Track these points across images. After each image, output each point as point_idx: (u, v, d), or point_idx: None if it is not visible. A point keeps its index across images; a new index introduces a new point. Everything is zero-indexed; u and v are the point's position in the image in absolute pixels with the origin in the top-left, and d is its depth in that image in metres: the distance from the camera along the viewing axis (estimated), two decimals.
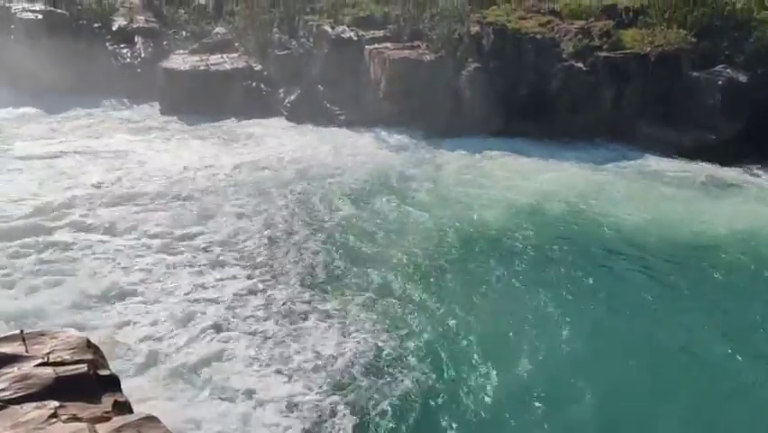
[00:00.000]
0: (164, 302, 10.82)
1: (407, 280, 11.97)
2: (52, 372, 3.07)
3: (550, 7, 22.69)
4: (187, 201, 15.22)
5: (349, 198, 15.92)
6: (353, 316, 10.73)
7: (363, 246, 13.26)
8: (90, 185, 15.90)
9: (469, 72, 21.19)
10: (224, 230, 13.71)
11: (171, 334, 9.91)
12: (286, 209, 15.03)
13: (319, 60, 23.67)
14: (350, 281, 11.91)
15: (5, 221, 13.32)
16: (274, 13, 25.66)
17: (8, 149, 18.68)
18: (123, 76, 24.96)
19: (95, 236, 13.08)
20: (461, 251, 13.31)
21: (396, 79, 21.44)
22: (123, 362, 9.03)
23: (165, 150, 19.42)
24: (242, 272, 12.02)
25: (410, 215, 15.00)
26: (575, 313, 10.95)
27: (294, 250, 13.03)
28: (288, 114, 23.02)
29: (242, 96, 23.25)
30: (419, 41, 22.47)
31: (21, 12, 25.51)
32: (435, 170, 18.27)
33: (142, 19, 27.76)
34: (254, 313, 10.69)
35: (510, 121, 20.48)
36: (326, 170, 17.79)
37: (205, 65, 23.99)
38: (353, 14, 24.03)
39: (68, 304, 10.40)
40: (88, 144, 19.54)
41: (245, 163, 18.14)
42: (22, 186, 15.54)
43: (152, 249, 12.67)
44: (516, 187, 16.83)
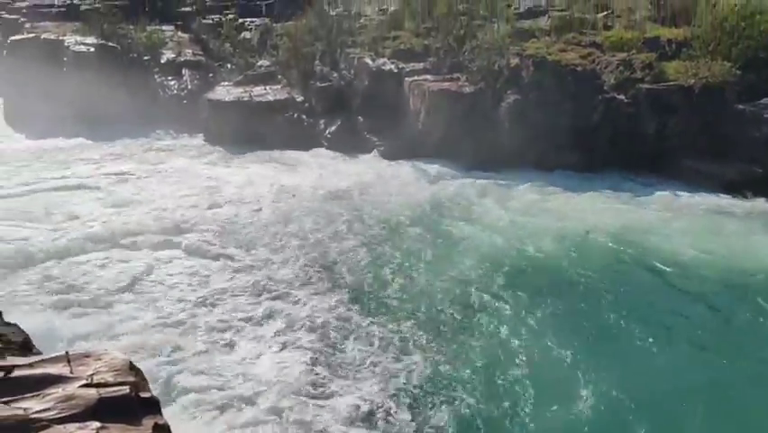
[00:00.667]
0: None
1: (458, 307, 12.07)
2: (96, 393, 3.13)
3: (591, 40, 22.62)
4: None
5: (393, 227, 16.10)
6: (403, 340, 10.83)
7: (412, 273, 13.45)
8: (189, 206, 17.12)
9: (508, 104, 21.20)
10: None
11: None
12: (343, 235, 15.49)
13: (359, 92, 24.01)
14: (401, 306, 12.11)
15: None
16: (316, 46, 26.17)
17: (83, 172, 20.07)
18: (169, 107, 25.72)
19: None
20: (508, 282, 13.20)
21: (435, 111, 21.58)
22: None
23: (231, 173, 20.40)
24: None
25: (455, 245, 15.01)
26: (631, 348, 10.72)
27: (353, 273, 13.44)
28: (329, 144, 23.32)
29: (283, 127, 23.67)
30: (459, 74, 22.60)
31: (74, 45, 26.59)
32: (476, 201, 18.22)
33: (190, 52, 28.66)
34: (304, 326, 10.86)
35: (550, 153, 20.33)
36: (371, 199, 18.01)
37: (248, 96, 24.55)
38: (394, 47, 24.36)
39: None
40: (155, 167, 20.60)
41: (311, 188, 18.86)
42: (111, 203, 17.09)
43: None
44: (559, 219, 16.64)
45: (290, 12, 31.03)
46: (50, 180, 19.11)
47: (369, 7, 32.51)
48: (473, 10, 24.93)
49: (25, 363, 3.29)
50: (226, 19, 33.39)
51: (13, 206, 16.85)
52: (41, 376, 3.19)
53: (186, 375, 9.67)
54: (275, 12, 35.70)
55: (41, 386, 3.13)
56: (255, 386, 9.52)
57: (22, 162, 21.09)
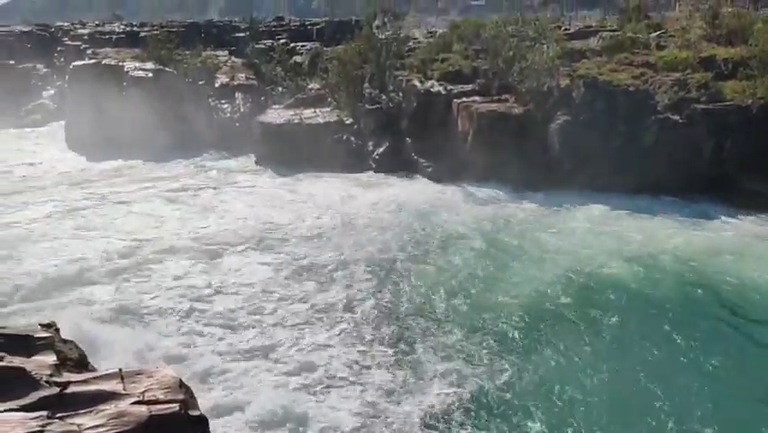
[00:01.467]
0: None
1: (520, 325, 11.97)
2: (147, 410, 3.20)
3: (643, 60, 22.24)
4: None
5: (449, 249, 16.03)
6: (468, 354, 10.87)
7: (468, 292, 13.43)
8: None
9: (558, 125, 20.96)
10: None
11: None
12: (400, 256, 15.65)
13: (407, 114, 24.13)
14: (465, 322, 12.13)
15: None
16: (365, 69, 26.49)
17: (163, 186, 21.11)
18: (222, 129, 26.40)
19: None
20: (567, 304, 12.96)
21: (483, 132, 21.49)
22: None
23: (285, 192, 20.95)
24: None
25: (510, 267, 14.81)
26: (701, 373, 10.35)
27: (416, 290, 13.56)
28: (377, 166, 23.47)
29: (332, 149, 23.95)
30: (507, 95, 22.51)
31: (133, 70, 27.62)
32: (528, 224, 17.93)
33: (243, 76, 29.43)
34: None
35: (602, 175, 19.94)
36: (422, 220, 18.02)
37: (298, 119, 24.97)
38: (442, 69, 24.45)
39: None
40: (213, 188, 21.34)
41: (364, 207, 19.19)
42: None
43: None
44: (614, 242, 16.26)
45: (340, 36, 31.68)
46: (113, 196, 19.97)
47: (417, 30, 32.85)
48: (522, 32, 24.84)
49: (80, 379, 3.39)
50: (278, 44, 34.27)
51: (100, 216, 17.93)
52: (94, 393, 3.27)
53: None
54: (325, 36, 36.51)
55: (94, 402, 3.22)
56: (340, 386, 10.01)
57: (87, 182, 21.91)
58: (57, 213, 18.23)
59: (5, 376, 3.28)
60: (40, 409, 3.13)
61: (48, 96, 35.10)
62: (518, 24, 25.59)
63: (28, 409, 3.13)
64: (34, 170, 23.84)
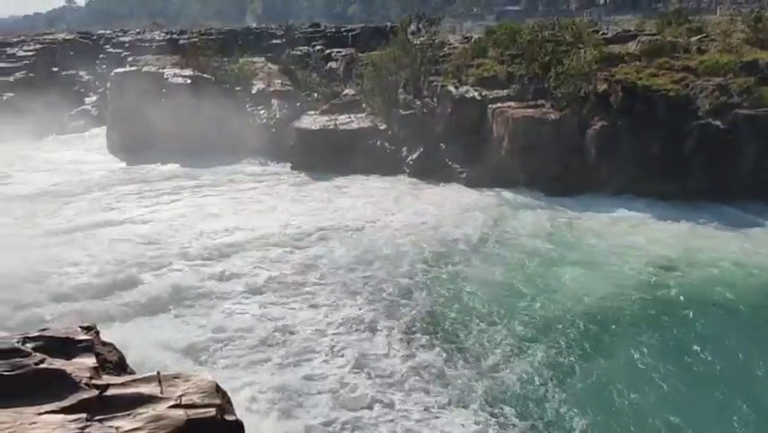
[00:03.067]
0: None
1: (559, 336, 11.80)
2: (184, 414, 3.24)
3: (684, 64, 21.82)
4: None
5: (487, 250, 16.08)
6: (500, 366, 10.85)
7: (505, 300, 13.34)
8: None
9: (595, 130, 20.69)
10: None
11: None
12: (434, 259, 15.77)
13: (442, 119, 24.07)
14: (500, 331, 12.07)
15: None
16: (400, 75, 26.51)
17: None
18: (258, 135, 26.64)
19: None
20: (606, 313, 12.76)
21: (518, 138, 21.32)
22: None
23: (323, 197, 21.21)
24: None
25: (547, 275, 14.66)
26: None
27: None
28: (411, 171, 23.46)
29: (366, 154, 24.01)
30: (543, 100, 22.30)
31: (172, 77, 28.11)
32: (565, 230, 17.75)
33: (279, 82, 29.72)
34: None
35: (639, 180, 19.62)
36: (458, 225, 17.95)
37: (333, 125, 25.11)
38: (477, 75, 24.34)
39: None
40: (251, 191, 21.70)
41: (401, 213, 19.36)
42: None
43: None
44: (654, 249, 15.96)
45: (375, 42, 31.70)
46: (155, 201, 20.46)
47: (452, 36, 32.78)
48: (559, 36, 24.59)
49: (119, 382, 3.44)
50: (314, 50, 34.52)
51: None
52: (133, 396, 3.33)
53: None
54: (361, 42, 36.62)
55: (132, 405, 3.27)
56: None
57: (128, 186, 22.38)
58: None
59: (46, 378, 3.36)
60: (79, 411, 3.19)
61: (90, 103, 35.93)
62: (555, 29, 25.34)
63: (68, 411, 3.20)
64: (83, 175, 24.38)
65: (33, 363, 3.41)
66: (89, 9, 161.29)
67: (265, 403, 9.71)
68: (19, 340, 3.59)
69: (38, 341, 3.62)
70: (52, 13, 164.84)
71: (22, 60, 36.65)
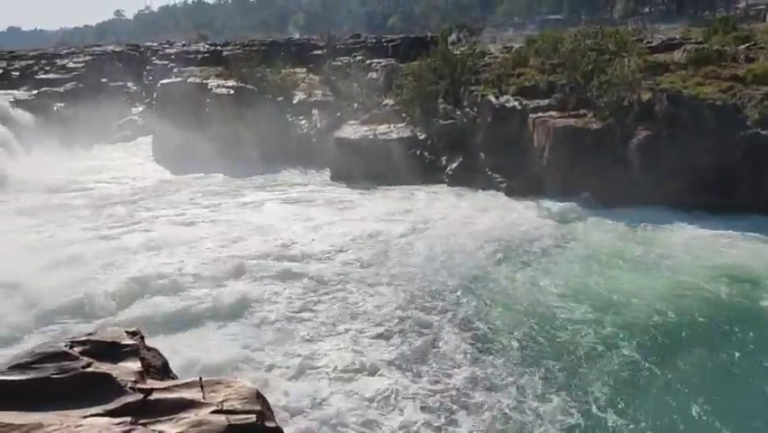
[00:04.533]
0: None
1: (614, 349, 11.62)
2: (225, 419, 3.29)
3: (731, 73, 21.28)
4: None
5: (530, 262, 15.95)
6: (562, 382, 10.74)
7: (553, 311, 13.23)
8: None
9: (639, 140, 20.32)
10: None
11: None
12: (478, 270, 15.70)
13: (482, 129, 23.99)
14: (558, 345, 11.97)
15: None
16: (440, 85, 26.54)
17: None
18: (299, 144, 27.02)
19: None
20: (660, 328, 12.44)
21: (560, 147, 21.10)
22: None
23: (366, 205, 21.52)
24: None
25: (593, 286, 14.40)
26: None
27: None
28: (450, 181, 23.43)
29: (406, 164, 24.06)
30: (585, 110, 22.02)
31: (215, 87, 28.68)
32: (608, 241, 17.42)
33: (320, 93, 30.08)
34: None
35: (685, 192, 19.14)
36: (500, 235, 17.86)
37: (373, 135, 25.26)
38: (518, 84, 24.20)
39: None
40: (294, 199, 22.05)
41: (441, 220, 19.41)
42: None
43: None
44: (704, 263, 15.48)
45: (415, 52, 31.80)
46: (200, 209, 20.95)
47: (493, 45, 32.68)
48: (602, 45, 24.28)
49: (162, 386, 3.51)
50: (354, 60, 34.78)
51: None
52: (176, 400, 3.39)
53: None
54: (401, 52, 36.75)
55: (175, 410, 3.33)
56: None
57: (172, 193, 22.91)
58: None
59: (93, 381, 3.44)
60: (124, 414, 3.27)
61: (137, 113, 36.90)
62: (598, 38, 25.03)
63: (113, 414, 3.28)
64: (133, 182, 25.04)
65: (80, 366, 3.50)
66: (137, 21, 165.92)
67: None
68: (67, 344, 3.70)
69: (85, 345, 3.72)
70: (101, 26, 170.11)
71: (72, 72, 37.87)
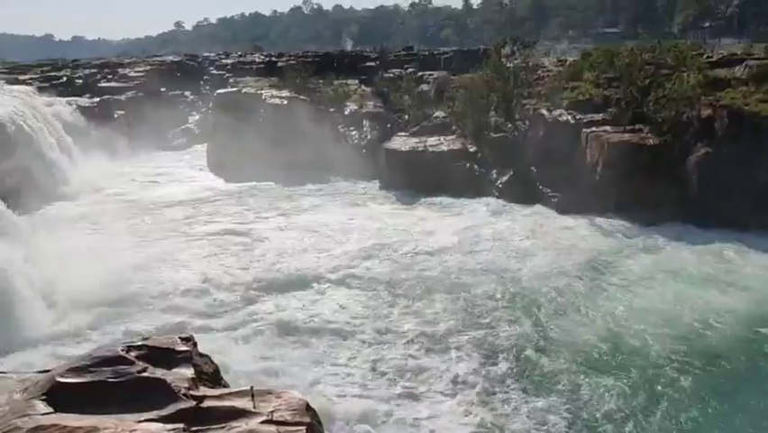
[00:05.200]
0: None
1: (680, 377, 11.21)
2: (275, 430, 3.32)
3: None
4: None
5: (584, 280, 15.49)
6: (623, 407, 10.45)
7: (616, 332, 12.81)
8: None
9: (698, 157, 19.74)
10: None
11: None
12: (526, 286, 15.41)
13: (533, 143, 23.70)
14: (620, 367, 11.63)
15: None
16: (492, 98, 26.36)
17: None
18: (349, 155, 27.18)
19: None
20: (723, 354, 11.99)
21: (614, 163, 20.64)
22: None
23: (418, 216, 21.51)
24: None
25: (651, 310, 13.84)
26: None
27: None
28: (500, 194, 23.19)
29: (455, 176, 23.92)
30: (641, 125, 21.52)
31: (270, 98, 29.17)
32: (664, 261, 16.84)
33: (371, 104, 30.29)
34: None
35: (746, 211, 18.47)
36: (551, 251, 17.57)
37: (423, 146, 25.23)
38: (571, 98, 23.82)
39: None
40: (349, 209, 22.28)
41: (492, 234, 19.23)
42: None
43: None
44: None
45: (468, 64, 31.78)
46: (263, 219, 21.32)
47: (547, 59, 32.33)
48: (660, 59, 23.72)
49: (215, 394, 3.56)
50: (406, 73, 34.97)
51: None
52: (227, 409, 3.43)
53: None
54: (453, 65, 36.83)
55: (226, 418, 3.37)
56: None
57: (229, 201, 23.40)
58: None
59: (147, 386, 3.52)
60: (177, 421, 3.33)
61: (193, 122, 37.85)
62: (656, 52, 24.47)
63: (166, 420, 3.34)
64: (190, 188, 25.69)
65: (136, 371, 3.59)
66: (196, 33, 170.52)
67: None
68: (123, 348, 3.79)
69: (141, 350, 3.81)
70: (162, 37, 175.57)
71: (134, 81, 39.14)
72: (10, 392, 3.88)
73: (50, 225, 19.82)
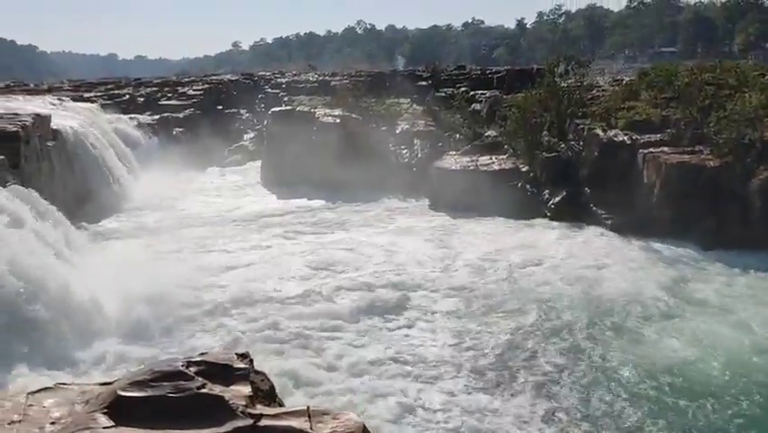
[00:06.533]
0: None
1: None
2: None
3: None
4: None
5: (631, 314, 14.71)
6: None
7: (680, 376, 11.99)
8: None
9: (761, 181, 19.06)
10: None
11: None
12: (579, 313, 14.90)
13: (588, 163, 23.33)
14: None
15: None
16: (545, 117, 26.12)
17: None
18: (400, 173, 27.26)
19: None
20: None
21: (673, 185, 20.13)
22: None
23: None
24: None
25: (705, 343, 13.13)
26: None
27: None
28: (552, 215, 22.85)
29: (507, 196, 23.68)
30: (701, 146, 20.96)
31: (323, 116, 29.57)
32: (726, 291, 16.06)
33: (422, 123, 30.38)
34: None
35: None
36: (605, 276, 17.09)
37: (474, 165, 25.13)
38: (627, 118, 23.39)
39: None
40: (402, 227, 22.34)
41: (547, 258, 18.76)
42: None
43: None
44: None
45: (520, 84, 31.58)
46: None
47: (602, 78, 31.89)
48: (720, 79, 23.11)
49: (271, 413, 3.58)
50: (458, 92, 34.97)
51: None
52: (284, 428, 3.44)
53: None
54: (505, 84, 36.63)
55: None
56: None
57: (288, 218, 23.79)
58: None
59: (206, 403, 3.57)
60: None
61: (248, 139, 38.61)
62: (716, 72, 23.87)
63: None
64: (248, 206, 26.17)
65: (195, 387, 3.64)
66: (253, 52, 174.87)
67: None
68: (183, 363, 3.86)
69: (200, 365, 3.86)
70: (220, 56, 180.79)
71: (192, 99, 40.24)
72: (71, 404, 3.97)
73: (113, 237, 20.51)
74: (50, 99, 30.89)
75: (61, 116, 25.97)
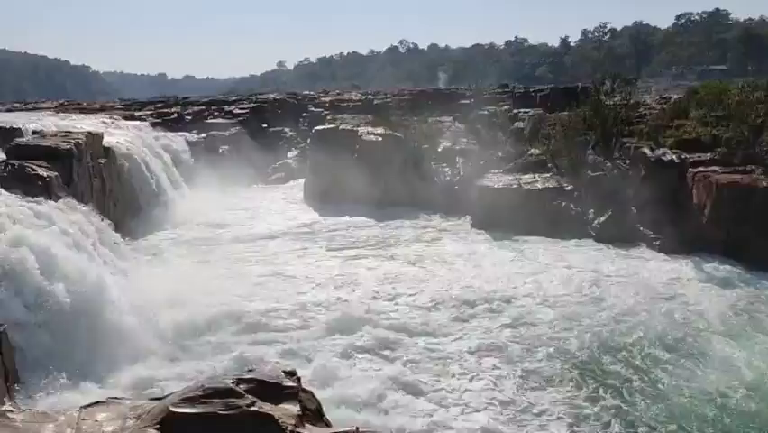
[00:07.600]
0: None
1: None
2: None
3: None
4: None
5: (689, 337, 14.41)
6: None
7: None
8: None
9: None
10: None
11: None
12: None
13: (634, 183, 22.88)
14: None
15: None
16: (590, 136, 25.77)
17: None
18: (441, 191, 27.20)
19: None
20: None
21: (724, 205, 19.61)
22: None
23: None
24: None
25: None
26: None
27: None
28: (597, 235, 22.46)
29: (550, 215, 23.40)
30: (753, 166, 20.39)
31: (365, 134, 29.77)
32: None
33: (464, 141, 30.31)
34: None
35: None
36: (655, 300, 16.72)
37: (517, 183, 24.90)
38: (676, 136, 22.92)
39: None
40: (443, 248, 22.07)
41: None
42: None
43: None
44: None
45: (564, 102, 31.25)
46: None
47: (649, 96, 31.37)
48: None
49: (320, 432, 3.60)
50: (501, 110, 34.80)
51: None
52: None
53: None
54: (549, 102, 36.30)
55: None
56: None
57: (330, 234, 23.99)
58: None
59: (256, 421, 3.60)
60: None
61: (292, 157, 39.10)
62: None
63: None
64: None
65: (245, 404, 3.68)
66: (297, 71, 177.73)
67: None
68: (233, 381, 3.91)
69: (250, 383, 3.91)
70: (265, 75, 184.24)
71: (237, 117, 41.04)
72: (123, 419, 4.04)
73: (162, 252, 20.95)
74: (102, 118, 31.88)
75: (112, 134, 26.80)
